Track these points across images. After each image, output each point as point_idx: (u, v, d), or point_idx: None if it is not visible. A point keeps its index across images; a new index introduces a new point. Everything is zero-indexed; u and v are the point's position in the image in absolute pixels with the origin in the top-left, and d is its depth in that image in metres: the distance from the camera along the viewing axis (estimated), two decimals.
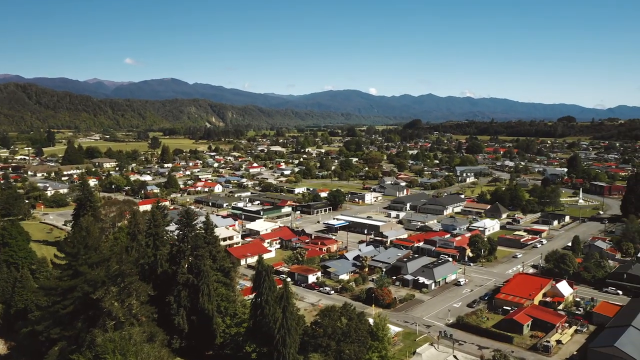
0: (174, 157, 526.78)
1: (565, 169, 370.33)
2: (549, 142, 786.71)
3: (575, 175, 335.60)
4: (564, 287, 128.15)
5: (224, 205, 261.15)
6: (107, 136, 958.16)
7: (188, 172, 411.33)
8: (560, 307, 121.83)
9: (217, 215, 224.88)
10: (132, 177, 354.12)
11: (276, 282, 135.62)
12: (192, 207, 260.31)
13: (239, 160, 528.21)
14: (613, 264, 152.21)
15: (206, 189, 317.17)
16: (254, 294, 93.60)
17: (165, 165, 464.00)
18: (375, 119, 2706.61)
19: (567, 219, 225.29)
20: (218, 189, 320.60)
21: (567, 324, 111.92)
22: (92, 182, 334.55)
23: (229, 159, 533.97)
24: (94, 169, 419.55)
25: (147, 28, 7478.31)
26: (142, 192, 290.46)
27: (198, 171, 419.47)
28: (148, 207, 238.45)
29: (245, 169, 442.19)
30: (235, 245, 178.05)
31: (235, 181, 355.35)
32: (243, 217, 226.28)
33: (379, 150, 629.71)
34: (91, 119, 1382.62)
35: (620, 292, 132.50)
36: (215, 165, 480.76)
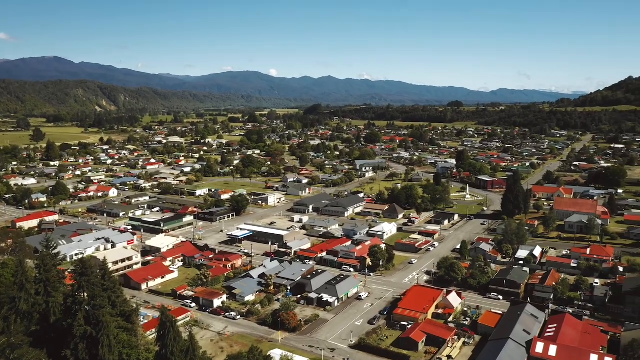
0: (62, 153, 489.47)
1: (454, 162, 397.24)
2: (440, 128, 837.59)
3: (463, 168, 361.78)
4: (453, 298, 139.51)
5: (121, 214, 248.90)
6: None
7: (78, 172, 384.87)
8: (451, 318, 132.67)
9: (114, 229, 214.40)
10: (13, 181, 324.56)
11: (182, 311, 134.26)
12: (85, 218, 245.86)
13: (135, 154, 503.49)
14: (495, 268, 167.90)
15: (100, 194, 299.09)
16: (158, 345, 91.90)
17: (52, 163, 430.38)
18: (277, 101, 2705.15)
19: (456, 217, 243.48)
20: (113, 193, 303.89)
21: (456, 337, 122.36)
22: None
23: (124, 154, 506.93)
24: None
25: None
26: (27, 201, 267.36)
27: (89, 170, 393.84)
28: (35, 222, 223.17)
29: (142, 166, 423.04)
30: (135, 267, 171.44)
31: (132, 182, 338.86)
32: (142, 230, 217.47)
33: (281, 141, 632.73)
34: None
35: (501, 297, 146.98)
36: (109, 162, 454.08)
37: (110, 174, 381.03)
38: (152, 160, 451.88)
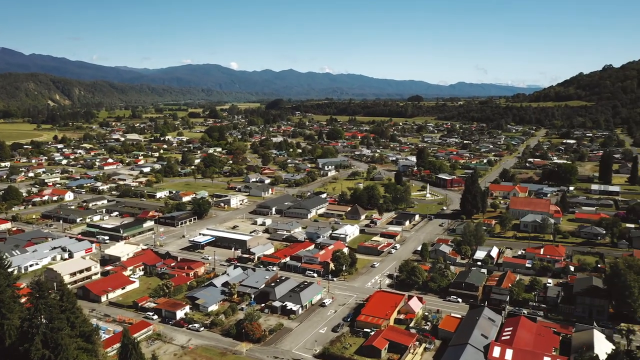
0: (13, 153, 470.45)
1: (415, 159, 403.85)
2: (400, 123, 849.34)
3: (423, 166, 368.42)
4: (415, 303, 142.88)
5: (78, 220, 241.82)
6: None
7: (31, 174, 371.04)
8: (412, 324, 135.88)
9: (71, 237, 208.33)
10: None
11: (144, 325, 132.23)
12: (40, 224, 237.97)
13: (92, 154, 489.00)
14: (454, 270, 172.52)
15: (55, 198, 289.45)
16: None
17: (2, 164, 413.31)
18: (238, 95, 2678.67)
19: (417, 217, 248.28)
20: (69, 196, 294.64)
21: (417, 343, 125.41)
22: None
23: (80, 153, 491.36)
24: None
25: None
26: None
27: (43, 172, 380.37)
28: None
29: (100, 166, 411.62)
30: (94, 278, 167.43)
31: (89, 184, 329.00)
32: (101, 237, 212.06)
33: (242, 138, 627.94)
34: None
35: (460, 300, 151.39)
36: (64, 162, 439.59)
37: (65, 176, 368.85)
38: (110, 160, 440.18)
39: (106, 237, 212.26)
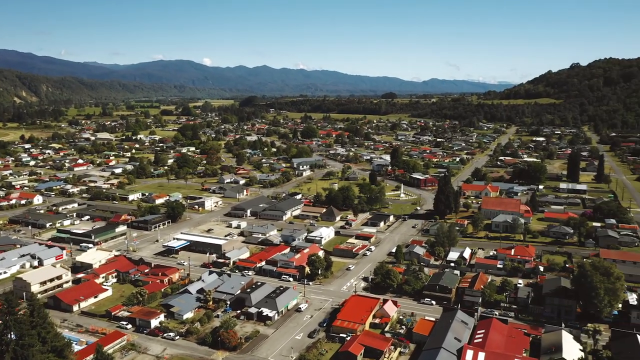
0: None
1: (389, 158, 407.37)
2: (374, 121, 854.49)
3: (397, 166, 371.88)
4: (389, 307, 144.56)
5: (47, 225, 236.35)
6: None
7: None
8: (387, 328, 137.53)
9: (41, 243, 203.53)
10: None
11: (117, 335, 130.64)
12: (7, 230, 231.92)
13: (61, 154, 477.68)
14: (428, 272, 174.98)
15: (23, 202, 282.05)
16: None
17: None
18: (211, 91, 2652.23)
19: (391, 218, 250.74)
20: (38, 200, 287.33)
21: (393, 347, 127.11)
22: None
23: (48, 153, 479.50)
24: None
25: None
26: None
27: (10, 174, 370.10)
28: None
29: (69, 167, 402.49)
30: (65, 287, 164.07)
31: (59, 187, 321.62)
32: (71, 243, 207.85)
33: (216, 137, 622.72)
34: None
35: (434, 302, 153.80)
36: (32, 163, 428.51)
37: (33, 178, 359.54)
38: (80, 161, 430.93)
39: (90, 245, 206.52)
